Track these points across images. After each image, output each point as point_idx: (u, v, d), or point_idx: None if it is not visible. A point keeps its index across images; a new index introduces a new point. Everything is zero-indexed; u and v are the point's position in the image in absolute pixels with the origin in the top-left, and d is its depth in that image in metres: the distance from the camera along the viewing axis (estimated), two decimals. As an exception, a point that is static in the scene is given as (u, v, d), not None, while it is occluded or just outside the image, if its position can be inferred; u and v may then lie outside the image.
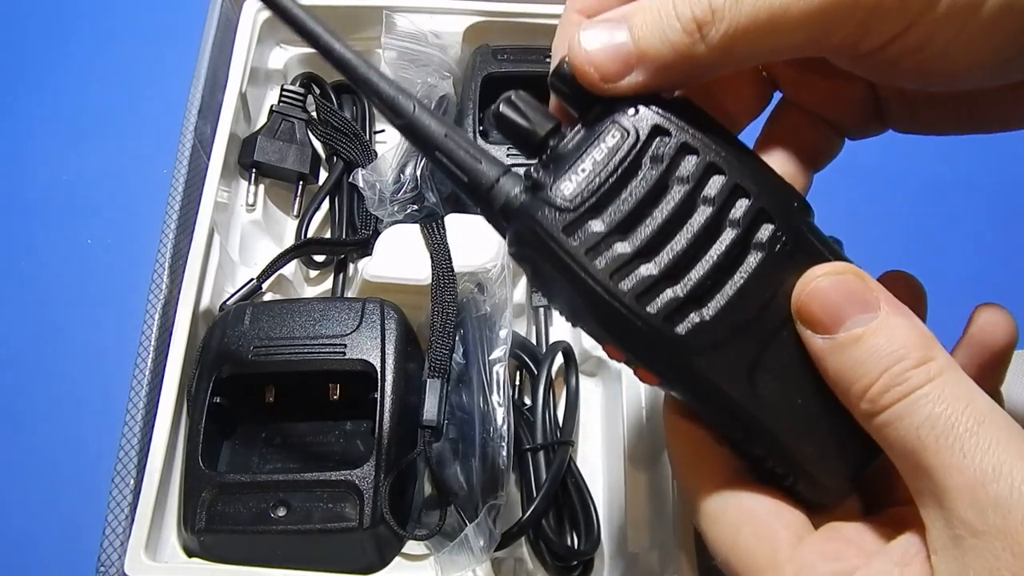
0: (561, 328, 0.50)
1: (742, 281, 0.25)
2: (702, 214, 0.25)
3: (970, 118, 0.28)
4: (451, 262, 0.46)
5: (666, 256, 0.24)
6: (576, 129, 0.26)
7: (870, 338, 0.23)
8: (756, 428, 0.25)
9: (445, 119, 0.27)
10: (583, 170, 0.25)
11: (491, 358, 0.44)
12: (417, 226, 0.48)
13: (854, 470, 0.26)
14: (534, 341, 0.49)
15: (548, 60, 0.54)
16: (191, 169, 0.50)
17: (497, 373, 0.43)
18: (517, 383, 0.48)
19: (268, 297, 0.50)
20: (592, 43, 0.25)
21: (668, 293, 0.24)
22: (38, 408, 0.50)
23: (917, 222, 0.61)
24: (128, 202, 0.56)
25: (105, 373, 0.49)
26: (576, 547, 0.42)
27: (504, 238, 0.26)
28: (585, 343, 0.49)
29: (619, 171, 0.25)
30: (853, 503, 0.28)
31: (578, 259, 0.24)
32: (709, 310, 0.24)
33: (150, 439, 0.42)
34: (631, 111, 0.25)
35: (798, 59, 0.26)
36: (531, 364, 0.47)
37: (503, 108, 0.26)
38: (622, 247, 0.24)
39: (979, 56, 0.23)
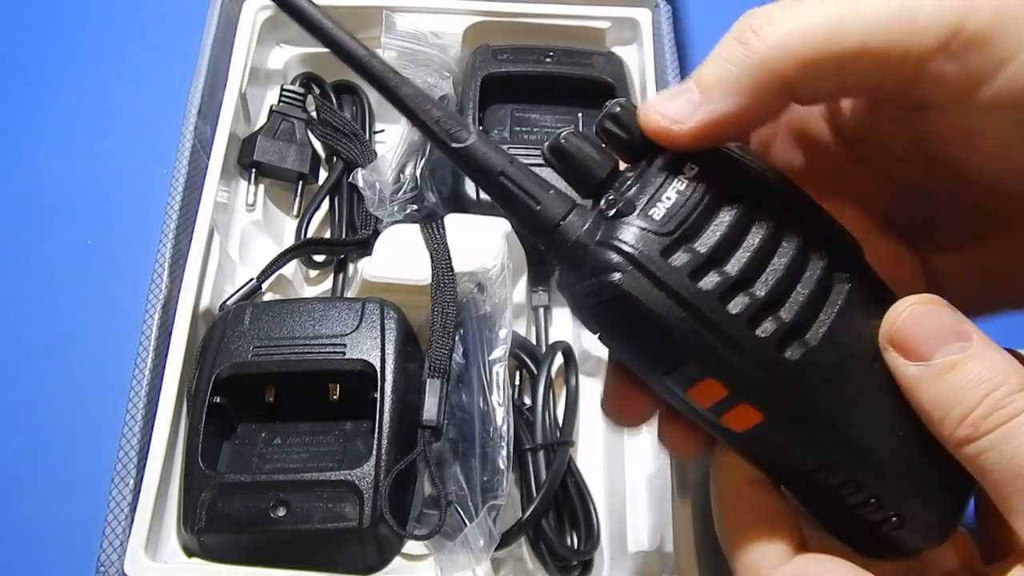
0: (561, 328, 0.50)
1: (836, 311, 0.24)
2: (791, 245, 0.24)
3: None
4: (451, 262, 0.46)
5: (766, 283, 0.24)
6: (639, 171, 0.25)
7: (968, 364, 0.23)
8: (867, 462, 0.24)
9: (505, 150, 0.26)
10: (668, 199, 0.24)
11: (491, 358, 0.44)
12: (417, 226, 0.48)
13: (956, 505, 0.25)
14: (534, 341, 0.49)
15: (548, 60, 0.55)
16: (191, 169, 0.50)
17: (497, 373, 0.43)
18: (517, 383, 0.48)
19: (268, 297, 0.50)
20: (660, 97, 0.25)
21: (775, 320, 0.24)
22: (38, 408, 0.50)
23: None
24: (128, 202, 0.56)
25: (105, 373, 0.49)
26: (576, 547, 0.42)
27: (571, 273, 0.25)
28: (585, 343, 0.49)
29: (705, 202, 0.24)
30: (949, 555, 0.27)
31: (683, 282, 0.23)
32: (814, 338, 0.24)
33: (150, 439, 0.42)
34: (702, 154, 0.24)
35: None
36: (531, 364, 0.47)
37: (568, 138, 0.25)
38: (725, 272, 0.23)
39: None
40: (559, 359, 0.47)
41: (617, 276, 0.23)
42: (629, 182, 0.25)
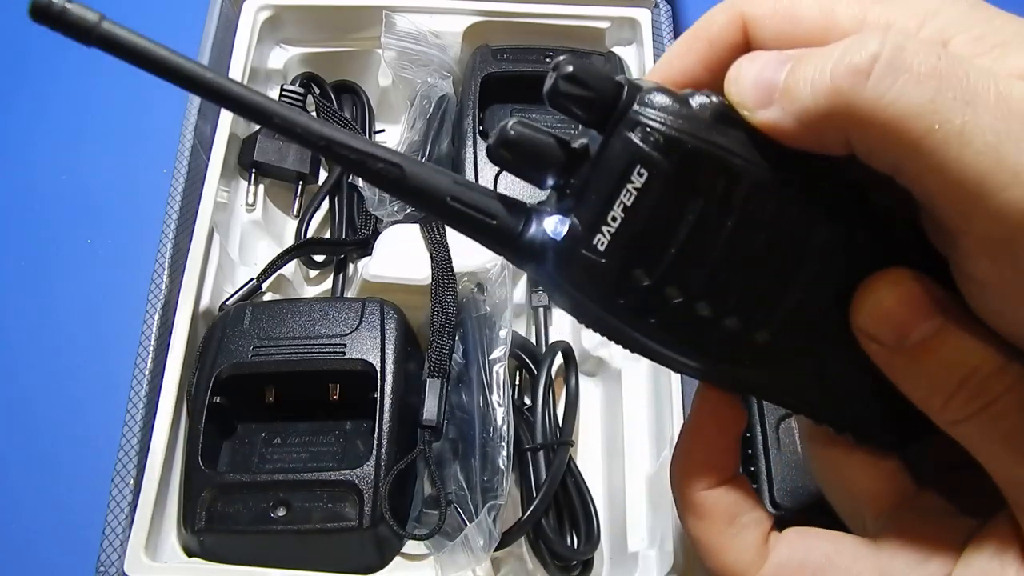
0: (561, 328, 0.50)
1: (792, 305, 0.24)
2: (745, 257, 0.23)
3: None
4: (451, 262, 0.46)
5: (715, 300, 0.23)
6: (588, 167, 0.23)
7: (940, 348, 0.22)
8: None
9: (445, 169, 0.24)
10: (613, 218, 0.22)
11: (491, 358, 0.44)
12: (417, 226, 0.48)
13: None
14: (534, 341, 0.49)
15: (548, 60, 0.55)
16: (191, 169, 0.50)
17: (497, 373, 0.43)
18: (517, 383, 0.48)
19: (268, 297, 0.50)
20: (749, 65, 0.23)
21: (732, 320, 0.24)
22: (38, 408, 0.50)
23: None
24: (128, 202, 0.56)
25: (105, 373, 0.49)
26: (576, 547, 0.42)
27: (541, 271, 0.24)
28: (585, 343, 0.49)
29: (652, 223, 0.22)
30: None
31: (634, 321, 0.24)
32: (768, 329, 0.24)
33: (150, 439, 0.42)
34: (660, 148, 0.22)
35: None
36: (531, 364, 0.47)
37: (516, 128, 0.23)
38: (675, 294, 0.23)
39: None
40: (559, 359, 0.47)
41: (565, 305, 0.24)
42: (578, 188, 0.23)
